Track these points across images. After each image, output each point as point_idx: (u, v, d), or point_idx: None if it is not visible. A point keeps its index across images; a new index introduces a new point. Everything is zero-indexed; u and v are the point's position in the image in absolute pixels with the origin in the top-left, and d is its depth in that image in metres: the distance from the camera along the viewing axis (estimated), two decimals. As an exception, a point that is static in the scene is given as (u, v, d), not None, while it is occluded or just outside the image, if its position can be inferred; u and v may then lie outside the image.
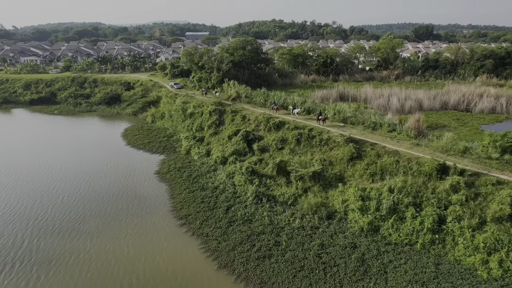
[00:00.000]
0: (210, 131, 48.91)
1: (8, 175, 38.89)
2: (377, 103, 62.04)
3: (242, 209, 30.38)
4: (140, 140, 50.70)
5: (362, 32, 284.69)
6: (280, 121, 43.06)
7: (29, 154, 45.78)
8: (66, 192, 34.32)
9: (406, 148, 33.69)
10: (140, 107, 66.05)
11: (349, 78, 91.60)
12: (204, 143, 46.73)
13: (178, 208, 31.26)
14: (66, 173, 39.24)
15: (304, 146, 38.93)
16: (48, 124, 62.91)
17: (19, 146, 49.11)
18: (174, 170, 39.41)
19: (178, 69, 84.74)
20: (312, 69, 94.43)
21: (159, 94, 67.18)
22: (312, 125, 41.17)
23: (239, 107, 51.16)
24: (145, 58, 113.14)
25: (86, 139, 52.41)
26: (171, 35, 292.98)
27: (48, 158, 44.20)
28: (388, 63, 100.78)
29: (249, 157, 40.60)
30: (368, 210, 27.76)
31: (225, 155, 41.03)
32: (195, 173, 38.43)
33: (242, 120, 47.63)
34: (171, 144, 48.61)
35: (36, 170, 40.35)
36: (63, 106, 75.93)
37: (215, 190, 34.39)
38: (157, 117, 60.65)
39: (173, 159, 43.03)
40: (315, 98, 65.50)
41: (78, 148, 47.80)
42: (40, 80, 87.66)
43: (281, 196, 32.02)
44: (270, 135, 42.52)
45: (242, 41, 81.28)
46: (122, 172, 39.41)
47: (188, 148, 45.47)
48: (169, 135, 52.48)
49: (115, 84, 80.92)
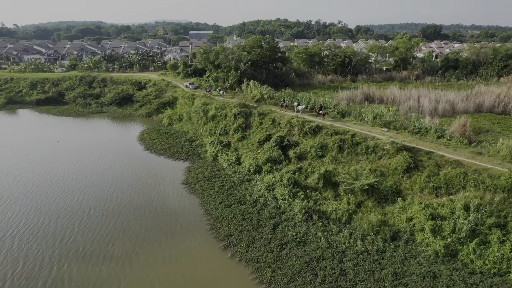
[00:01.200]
0: (236, 135, 45.15)
1: (25, 185, 35.15)
2: (407, 105, 58.33)
3: (292, 228, 26.66)
4: (160, 144, 46.92)
5: (368, 31, 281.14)
6: (316, 126, 39.37)
7: (44, 160, 42.03)
8: (91, 206, 30.58)
9: (467, 157, 30.03)
10: (154, 108, 62.23)
11: (367, 79, 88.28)
12: (231, 149, 42.98)
13: (217, 227, 27.51)
14: (88, 183, 35.49)
15: (348, 154, 35.22)
16: (58, 126, 59.08)
17: (32, 152, 45.32)
18: (204, 180, 35.66)
19: (191, 68, 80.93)
20: (329, 69, 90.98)
21: (175, 94, 63.39)
22: (354, 130, 37.49)
23: (266, 110, 47.44)
24: (153, 57, 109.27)
25: (101, 143, 48.62)
26: (175, 34, 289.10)
27: (66, 165, 40.46)
28: (407, 63, 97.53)
29: (285, 166, 36.88)
30: (441, 231, 24.05)
31: (259, 163, 37.30)
32: (227, 184, 34.69)
33: (272, 123, 43.91)
34: (195, 150, 44.84)
35: (55, 179, 36.60)
36: (72, 107, 72.09)
37: (254, 204, 30.66)
38: (174, 119, 56.85)
39: (200, 167, 39.28)
40: (340, 99, 62.02)
41: (95, 154, 44.04)
42: (46, 79, 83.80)
43: (333, 213, 28.29)
44: (307, 141, 38.83)
45: (259, 39, 77.53)
46: (146, 182, 35.66)
47: (215, 155, 41.72)
48: (190, 139, 48.68)
49: (125, 84, 77.09)
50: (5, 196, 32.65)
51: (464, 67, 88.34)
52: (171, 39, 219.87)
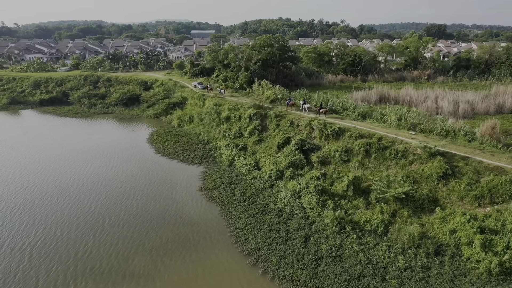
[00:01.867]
0: (253, 138, 43.05)
1: (33, 191, 33.07)
2: (424, 106, 56.27)
3: (324, 241, 24.60)
4: (171, 147, 44.82)
5: (372, 31, 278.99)
6: (339, 128, 37.29)
7: (52, 164, 39.98)
8: (106, 215, 28.51)
9: (508, 163, 27.96)
10: (163, 109, 60.08)
11: (378, 78, 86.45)
12: (248, 153, 40.89)
13: (242, 239, 25.43)
14: (100, 190, 33.41)
15: (375, 159, 33.15)
16: (64, 128, 56.99)
17: (39, 155, 43.26)
18: (222, 187, 33.56)
19: (198, 68, 78.82)
20: (338, 69, 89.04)
21: (184, 95, 61.28)
22: (380, 133, 35.42)
23: (282, 111, 45.35)
24: (158, 56, 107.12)
25: (110, 146, 46.53)
26: (176, 33, 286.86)
27: (75, 169, 38.40)
28: (417, 63, 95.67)
29: (308, 171, 34.83)
30: (493, 246, 21.97)
31: (280, 168, 35.21)
32: (248, 191, 32.60)
33: (290, 125, 41.82)
34: (209, 153, 42.73)
35: (64, 185, 34.53)
36: (77, 107, 69.99)
37: (280, 213, 28.59)
38: (185, 120, 54.72)
39: (216, 172, 37.18)
40: (354, 99, 60.05)
41: (104, 157, 41.98)
42: (49, 79, 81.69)
43: (367, 223, 26.21)
44: (330, 145, 36.75)
45: (269, 37, 75.39)
46: (161, 189, 33.57)
47: (231, 159, 39.62)
48: (203, 142, 46.56)
49: (131, 84, 74.97)
50: (12, 204, 30.58)
51: (476, 67, 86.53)
52: (174, 38, 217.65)
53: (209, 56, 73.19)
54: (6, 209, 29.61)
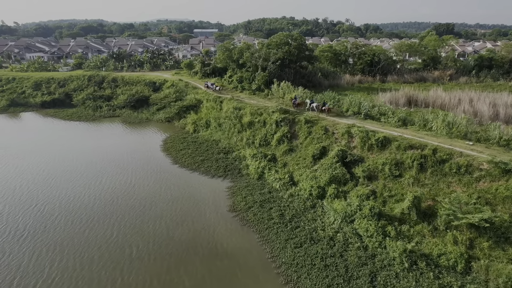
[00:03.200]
0: (282, 147, 38.47)
1: (42, 211, 28.34)
2: (459, 110, 51.69)
3: (395, 281, 20.06)
4: (190, 157, 40.22)
5: (377, 30, 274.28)
6: (384, 137, 32.73)
7: (62, 177, 35.32)
8: (132, 245, 23.81)
9: None
10: (175, 112, 55.42)
11: (397, 79, 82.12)
12: (279, 164, 36.30)
13: (293, 278, 20.85)
14: (118, 209, 28.74)
15: (432, 174, 28.56)
16: (69, 132, 52.31)
17: (46, 164, 38.62)
18: (256, 206, 29.00)
19: (209, 68, 74.16)
20: (356, 69, 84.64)
21: (198, 97, 56.63)
22: (432, 143, 30.86)
23: (313, 116, 40.76)
24: (165, 55, 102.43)
25: (121, 154, 41.91)
26: (179, 32, 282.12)
27: (88, 183, 33.77)
28: (437, 63, 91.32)
29: (352, 187, 30.30)
30: None
31: (321, 184, 30.66)
32: (288, 212, 28.04)
33: (325, 133, 37.23)
34: (233, 164, 38.13)
35: (78, 202, 29.89)
36: (81, 110, 65.34)
37: (332, 243, 24.03)
38: (200, 125, 50.08)
39: (246, 188, 32.60)
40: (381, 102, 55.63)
41: (117, 169, 37.39)
42: (51, 79, 77.00)
43: (442, 258, 21.66)
44: (374, 156, 32.20)
45: (285, 35, 70.80)
46: (185, 209, 28.99)
47: (261, 172, 35.03)
48: (224, 150, 41.94)
49: (139, 85, 70.31)
50: (20, 228, 25.96)
51: (500, 67, 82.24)
52: (177, 37, 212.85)
53: (222, 55, 68.55)
54: (14, 235, 25.02)
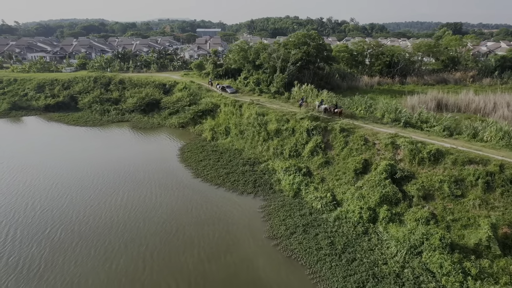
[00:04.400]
0: (316, 159, 34.42)
1: (60, 239, 24.45)
2: (499, 116, 47.76)
3: None
4: (212, 169, 36.19)
5: (383, 30, 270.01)
6: (437, 150, 28.72)
7: (75, 194, 31.42)
8: (171, 284, 19.93)
9: None
10: (190, 117, 51.34)
11: (417, 81, 78.31)
12: (316, 179, 32.25)
13: (366, 333, 16.92)
14: (143, 234, 24.83)
15: (503, 195, 24.56)
16: (77, 140, 48.16)
17: (54, 178, 34.64)
18: (299, 232, 25.00)
19: (222, 69, 70.14)
20: (374, 70, 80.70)
21: (214, 100, 52.55)
22: (496, 158, 26.88)
23: (348, 124, 36.73)
24: (172, 55, 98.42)
25: (136, 165, 37.82)
26: (182, 31, 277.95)
27: (106, 200, 29.96)
28: (457, 63, 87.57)
29: (406, 208, 26.33)
30: None
31: (371, 205, 26.67)
32: (338, 240, 24.02)
33: (365, 144, 33.21)
34: (262, 178, 34.08)
35: (101, 226, 26.03)
36: (87, 114, 61.31)
37: (400, 281, 20.01)
38: (219, 132, 46.05)
39: (282, 208, 28.58)
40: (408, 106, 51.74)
41: (134, 182, 33.42)
42: (55, 81, 72.96)
43: (544, 306, 17.72)
44: (427, 172, 28.19)
45: (303, 35, 66.83)
46: (217, 235, 24.99)
47: (296, 188, 31.01)
48: (249, 161, 37.88)
49: (148, 87, 66.29)
50: (36, 260, 22.04)
51: (523, 67, 78.49)
52: (181, 36, 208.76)
53: (237, 55, 64.51)
54: (28, 270, 21.18)
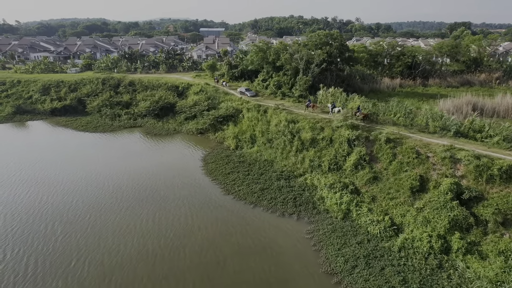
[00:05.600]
0: (362, 174, 30.65)
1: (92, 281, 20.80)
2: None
3: None
4: (243, 183, 32.35)
5: (389, 29, 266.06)
6: (509, 166, 24.98)
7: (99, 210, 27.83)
8: None
9: None
10: (210, 123, 47.54)
11: (440, 83, 74.83)
12: (365, 198, 28.51)
13: None
14: (181, 268, 21.07)
15: None
16: (88, 147, 44.34)
17: (71, 197, 30.95)
18: (362, 266, 21.22)
19: (237, 70, 66.44)
20: (394, 71, 77.10)
21: (235, 105, 48.76)
22: None
23: (394, 133, 33.00)
24: (181, 55, 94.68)
25: (158, 179, 33.94)
26: (185, 31, 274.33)
27: (135, 223, 26.17)
28: (480, 64, 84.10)
29: (480, 236, 22.59)
30: None
31: (440, 232, 22.95)
32: (410, 276, 20.24)
33: (417, 157, 29.46)
34: (302, 195, 30.29)
35: (130, 254, 22.25)
36: (96, 119, 57.57)
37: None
38: (244, 140, 42.28)
39: (332, 233, 24.81)
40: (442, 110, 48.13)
41: (162, 201, 29.66)
42: (61, 82, 69.17)
43: None
44: (498, 192, 24.45)
45: (325, 34, 63.12)
46: (267, 270, 21.23)
47: (346, 208, 27.27)
48: (283, 174, 34.08)
49: (160, 89, 62.54)
50: None
51: (550, 68, 75.13)
52: (185, 36, 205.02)
53: (255, 56, 60.74)
54: None
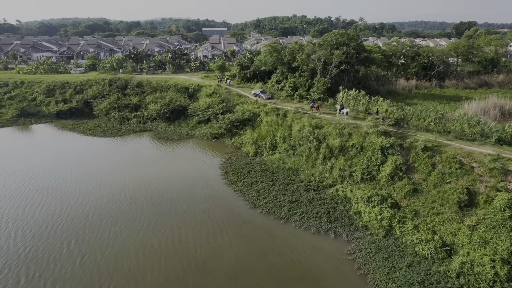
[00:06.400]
0: (400, 185, 28.19)
1: None
2: None
3: None
4: (269, 195, 29.87)
5: (394, 29, 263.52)
6: None
7: (122, 228, 25.34)
8: None
9: None
10: (225, 127, 45.01)
11: (457, 84, 72.43)
12: (407, 213, 26.04)
13: None
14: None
15: None
16: (99, 154, 41.88)
17: (92, 206, 28.55)
18: (419, 295, 18.88)
19: (250, 71, 63.98)
20: (409, 72, 74.79)
21: (251, 108, 46.26)
22: None
23: (432, 142, 30.54)
24: (188, 56, 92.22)
25: (178, 191, 31.28)
26: (187, 30, 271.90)
27: (163, 242, 23.73)
28: (497, 65, 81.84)
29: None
30: None
31: (503, 255, 20.49)
32: (479, 310, 17.93)
33: (460, 167, 27.01)
34: (335, 208, 27.84)
35: (162, 278, 19.83)
36: (104, 122, 55.06)
37: None
38: (264, 146, 39.78)
39: (376, 253, 22.36)
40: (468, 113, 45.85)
41: (185, 215, 27.22)
42: (66, 84, 66.66)
43: None
44: None
45: (341, 34, 60.64)
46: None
47: (387, 225, 24.81)
48: (312, 185, 31.52)
49: (170, 91, 60.06)
50: None
51: None
52: (188, 36, 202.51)
53: (269, 56, 58.29)
54: None
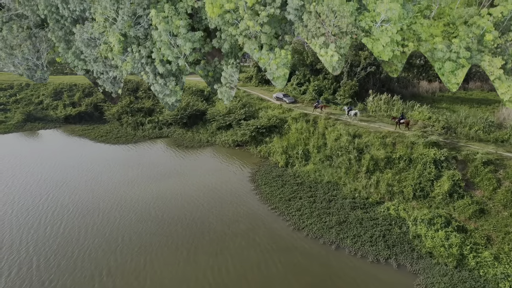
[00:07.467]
0: (462, 205, 25.22)
1: None
2: None
3: None
4: (312, 215, 26.94)
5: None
6: None
7: (156, 249, 22.50)
8: None
9: None
10: (250, 134, 41.89)
11: (482, 86, 69.10)
12: (478, 239, 23.11)
13: None
14: None
15: None
16: (114, 163, 38.85)
17: (117, 227, 25.65)
18: None
19: (267, 72, 60.81)
20: (431, 74, 71.46)
21: (277, 113, 43.22)
22: None
23: (491, 152, 27.59)
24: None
25: (209, 209, 28.47)
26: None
27: (209, 270, 20.92)
28: (519, 64, 77.89)
29: None
30: None
31: None
32: None
33: (532, 185, 24.12)
34: (390, 231, 24.89)
35: None
36: (116, 127, 52.07)
37: None
38: (296, 156, 36.77)
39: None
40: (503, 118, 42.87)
41: (223, 240, 24.29)
42: (74, 86, 63.60)
43: None
44: None
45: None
46: None
47: (458, 254, 21.85)
48: (359, 202, 28.52)
49: (184, 94, 57.00)
50: None
51: None
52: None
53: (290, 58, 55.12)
54: None
